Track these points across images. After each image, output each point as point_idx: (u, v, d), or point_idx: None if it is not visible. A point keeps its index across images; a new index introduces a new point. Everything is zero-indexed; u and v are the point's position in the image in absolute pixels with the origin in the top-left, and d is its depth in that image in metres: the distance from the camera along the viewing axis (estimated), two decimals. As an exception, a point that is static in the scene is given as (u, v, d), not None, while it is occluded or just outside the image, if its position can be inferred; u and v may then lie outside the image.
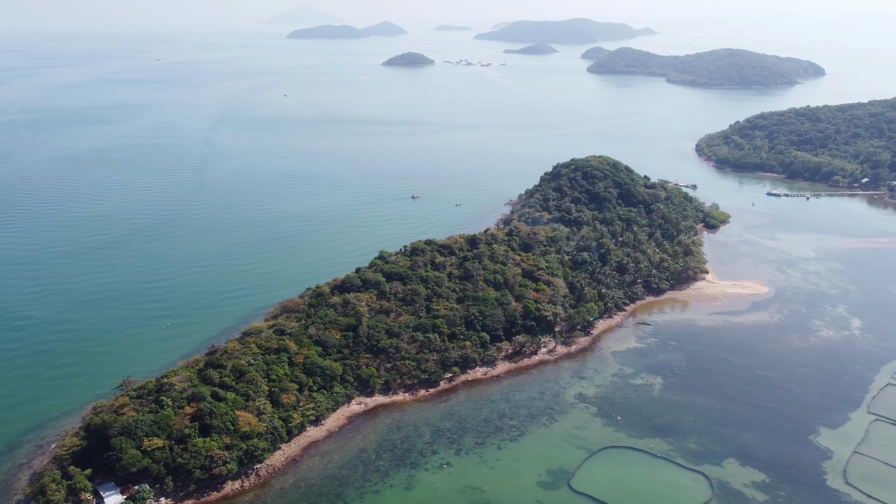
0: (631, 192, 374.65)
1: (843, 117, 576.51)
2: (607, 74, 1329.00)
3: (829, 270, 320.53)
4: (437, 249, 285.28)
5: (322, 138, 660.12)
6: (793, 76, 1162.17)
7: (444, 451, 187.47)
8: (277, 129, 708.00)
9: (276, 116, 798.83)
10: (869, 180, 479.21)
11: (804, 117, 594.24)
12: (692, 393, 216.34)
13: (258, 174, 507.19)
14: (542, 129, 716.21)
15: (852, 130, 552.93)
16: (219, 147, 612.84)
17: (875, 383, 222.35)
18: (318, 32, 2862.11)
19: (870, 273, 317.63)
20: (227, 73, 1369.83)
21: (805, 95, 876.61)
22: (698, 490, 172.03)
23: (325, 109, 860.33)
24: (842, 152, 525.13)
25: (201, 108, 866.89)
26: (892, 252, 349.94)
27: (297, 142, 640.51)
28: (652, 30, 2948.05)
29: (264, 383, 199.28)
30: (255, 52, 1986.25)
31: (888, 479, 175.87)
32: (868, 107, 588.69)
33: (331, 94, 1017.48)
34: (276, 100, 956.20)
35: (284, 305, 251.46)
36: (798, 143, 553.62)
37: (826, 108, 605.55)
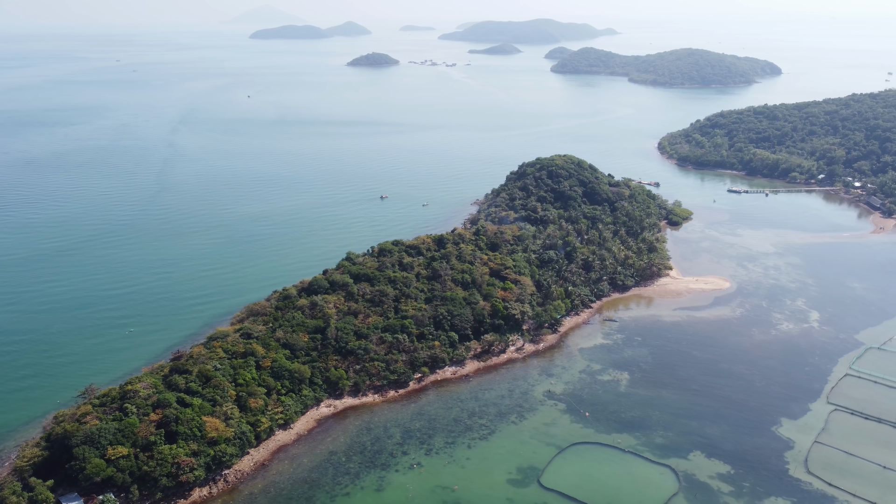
0: (596, 190, 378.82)
1: (800, 115, 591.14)
2: (571, 74, 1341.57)
3: (788, 265, 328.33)
4: (404, 250, 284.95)
5: (287, 139, 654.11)
6: (751, 75, 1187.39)
7: (415, 451, 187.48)
8: (241, 131, 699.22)
9: (239, 118, 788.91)
10: (825, 177, 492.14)
11: (762, 115, 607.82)
12: (658, 387, 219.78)
13: (222, 176, 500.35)
14: (508, 128, 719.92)
15: (808, 128, 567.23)
16: (181, 149, 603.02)
17: (833, 374, 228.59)
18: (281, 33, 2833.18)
19: (827, 267, 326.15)
20: (189, 73, 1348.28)
21: (763, 94, 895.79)
22: (665, 483, 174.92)
23: (290, 110, 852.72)
24: (798, 149, 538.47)
25: (163, 110, 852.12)
26: (848, 246, 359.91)
27: (262, 143, 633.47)
28: (614, 30, 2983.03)
29: (231, 388, 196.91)
30: (217, 53, 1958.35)
31: (847, 468, 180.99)
32: (823, 105, 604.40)
33: (295, 95, 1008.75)
34: (239, 101, 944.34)
35: (251, 309, 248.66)
36: (757, 141, 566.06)
37: (783, 106, 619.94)
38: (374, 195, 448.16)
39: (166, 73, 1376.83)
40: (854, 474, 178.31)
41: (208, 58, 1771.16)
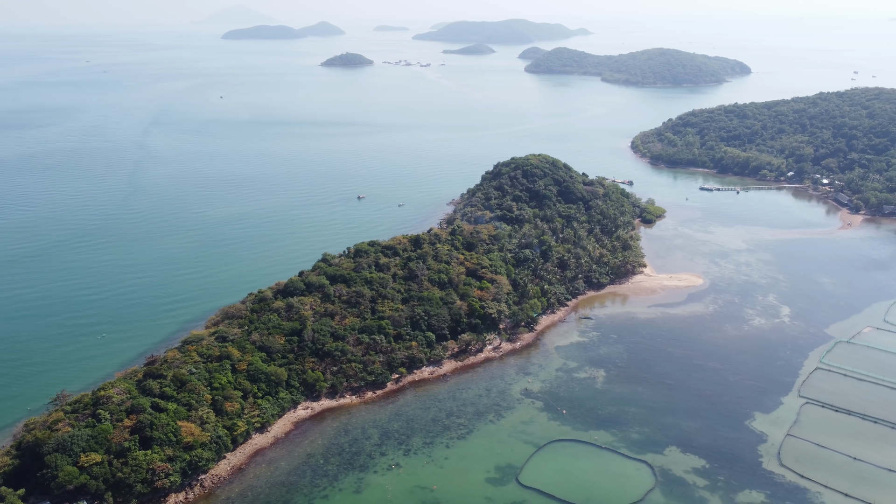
0: (570, 189, 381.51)
1: (769, 114, 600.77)
2: (544, 74, 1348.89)
3: (760, 261, 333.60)
4: (380, 250, 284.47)
5: (261, 140, 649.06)
6: (721, 75, 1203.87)
7: (393, 452, 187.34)
8: (214, 132, 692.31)
9: (212, 118, 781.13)
10: (794, 174, 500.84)
11: (732, 114, 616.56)
12: (634, 384, 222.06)
13: (195, 178, 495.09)
14: (483, 128, 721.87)
15: (777, 126, 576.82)
16: (153, 151, 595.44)
17: (804, 368, 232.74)
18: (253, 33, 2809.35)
19: (797, 263, 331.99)
20: (161, 74, 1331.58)
21: (733, 93, 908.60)
22: (642, 479, 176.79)
23: (264, 111, 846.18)
24: (768, 147, 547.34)
25: (134, 111, 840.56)
26: (817, 242, 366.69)
27: (235, 144, 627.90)
28: (587, 30, 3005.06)
29: (207, 392, 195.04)
30: (189, 53, 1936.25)
31: (819, 460, 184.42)
32: (791, 103, 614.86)
33: (269, 96, 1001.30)
34: (212, 101, 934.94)
35: (226, 312, 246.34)
36: (727, 139, 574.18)
37: (753, 105, 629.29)
38: (349, 196, 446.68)
39: (137, 73, 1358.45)
40: (825, 466, 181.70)
41: (180, 58, 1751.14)
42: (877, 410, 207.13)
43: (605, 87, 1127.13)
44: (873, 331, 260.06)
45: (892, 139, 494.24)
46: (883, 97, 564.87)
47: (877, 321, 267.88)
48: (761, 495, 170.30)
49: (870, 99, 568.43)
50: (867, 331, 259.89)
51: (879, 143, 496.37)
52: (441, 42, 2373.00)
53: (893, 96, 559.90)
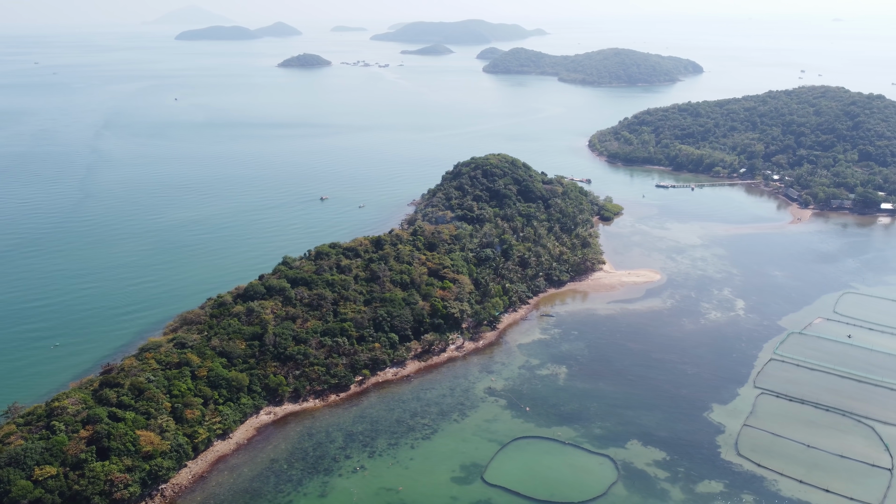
0: (530, 188, 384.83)
1: (721, 112, 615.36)
2: (502, 74, 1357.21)
3: (715, 256, 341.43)
4: (342, 252, 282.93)
5: (217, 143, 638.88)
6: (674, 74, 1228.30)
7: (358, 454, 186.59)
8: (169, 135, 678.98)
9: (166, 121, 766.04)
10: (746, 170, 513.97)
11: (686, 112, 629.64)
12: (595, 380, 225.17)
13: (150, 182, 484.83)
14: (442, 128, 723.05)
15: (729, 124, 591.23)
16: (105, 154, 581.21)
17: (759, 359, 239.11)
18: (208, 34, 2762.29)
19: (750, 257, 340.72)
20: (113, 76, 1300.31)
21: (686, 92, 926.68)
22: (605, 473, 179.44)
23: (220, 113, 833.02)
24: (721, 145, 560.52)
25: (85, 114, 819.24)
26: (769, 237, 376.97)
27: (191, 147, 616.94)
28: (543, 30, 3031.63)
29: (166, 400, 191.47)
30: (141, 55, 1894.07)
31: (775, 448, 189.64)
32: (742, 102, 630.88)
33: (225, 97, 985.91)
34: (166, 104, 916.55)
35: (184, 318, 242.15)
36: (682, 137, 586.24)
37: (705, 103, 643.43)
38: (309, 198, 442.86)
39: (88, 75, 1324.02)
40: (781, 454, 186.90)
41: (132, 59, 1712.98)
42: (828, 398, 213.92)
43: (562, 87, 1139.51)
44: (823, 321, 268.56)
45: (838, 136, 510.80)
46: (829, 95, 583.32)
47: (826, 312, 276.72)
48: (720, 485, 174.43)
49: (816, 97, 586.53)
50: (818, 322, 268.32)
51: (826, 139, 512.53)
52: (399, 42, 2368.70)
53: (839, 94, 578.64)
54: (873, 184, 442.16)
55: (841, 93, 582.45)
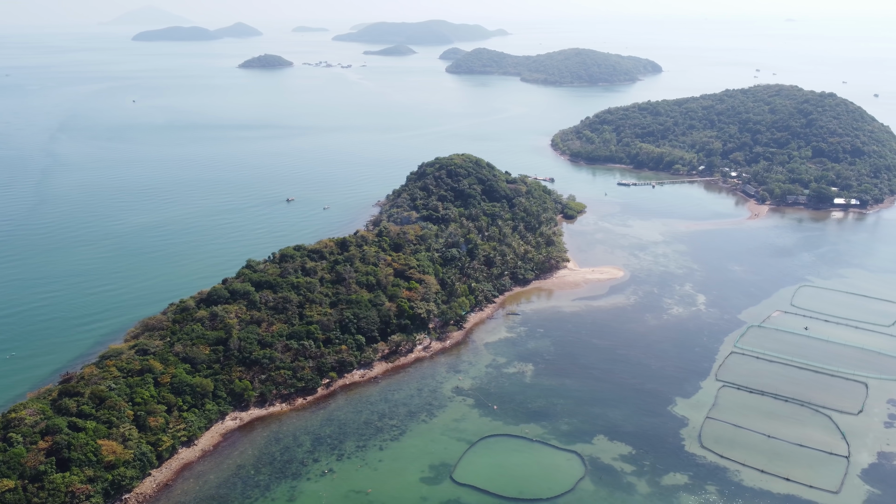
0: (494, 187, 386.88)
1: (680, 110, 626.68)
2: (465, 74, 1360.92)
3: (676, 252, 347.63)
4: (307, 255, 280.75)
5: (178, 145, 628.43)
6: (634, 73, 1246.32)
7: (326, 457, 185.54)
8: (127, 137, 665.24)
9: (124, 123, 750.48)
10: (705, 168, 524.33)
11: (646, 111, 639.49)
12: (561, 376, 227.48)
13: (108, 186, 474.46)
14: (406, 129, 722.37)
15: (688, 122, 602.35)
16: (61, 158, 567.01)
17: (721, 353, 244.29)
18: (166, 34, 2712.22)
19: (710, 253, 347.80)
20: (68, 77, 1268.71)
21: (646, 91, 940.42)
22: (572, 468, 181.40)
23: (180, 115, 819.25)
24: (680, 143, 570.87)
25: (39, 117, 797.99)
26: (728, 232, 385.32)
27: (151, 150, 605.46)
28: (505, 31, 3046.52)
29: (128, 408, 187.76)
30: (97, 56, 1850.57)
31: (737, 439, 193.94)
32: (700, 100, 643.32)
33: (184, 99, 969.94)
34: (123, 106, 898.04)
35: (146, 324, 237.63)
36: (642, 136, 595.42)
37: (665, 102, 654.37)
38: (273, 200, 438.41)
39: (42, 77, 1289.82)
40: (743, 445, 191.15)
41: (88, 61, 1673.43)
42: (787, 389, 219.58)
43: (524, 87, 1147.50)
44: (781, 314, 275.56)
45: (792, 133, 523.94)
46: (783, 93, 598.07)
47: (784, 305, 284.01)
48: (685, 477, 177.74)
49: (771, 95, 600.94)
50: (776, 315, 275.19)
51: (781, 136, 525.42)
52: (361, 43, 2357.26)
53: (792, 93, 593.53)
54: (826, 179, 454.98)
55: (794, 91, 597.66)
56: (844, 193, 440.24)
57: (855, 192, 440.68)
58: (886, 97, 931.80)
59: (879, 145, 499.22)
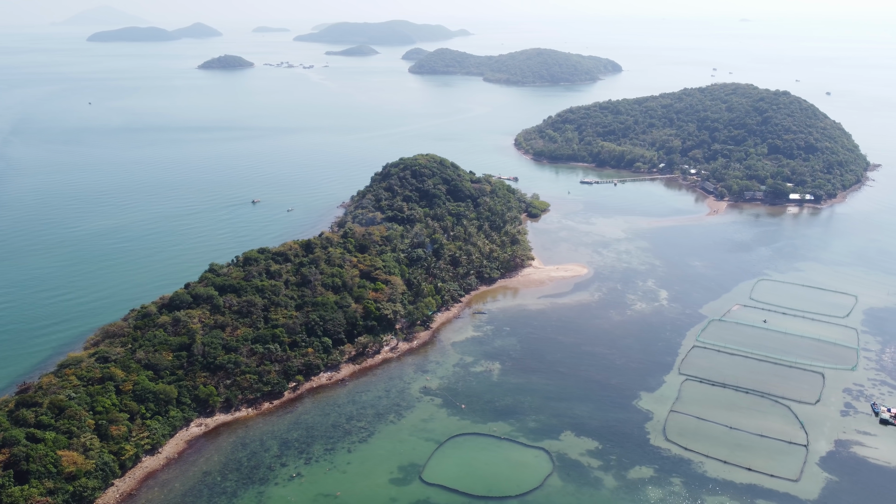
0: (458, 187, 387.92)
1: (640, 109, 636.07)
2: (428, 74, 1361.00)
3: (638, 249, 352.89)
4: (271, 257, 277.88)
5: (137, 147, 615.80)
6: (595, 73, 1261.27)
7: (294, 462, 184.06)
8: (83, 141, 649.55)
9: (80, 126, 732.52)
10: (665, 165, 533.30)
11: (607, 110, 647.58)
12: (528, 374, 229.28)
13: (64, 190, 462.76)
14: (370, 129, 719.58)
15: (648, 121, 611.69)
16: (14, 163, 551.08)
17: (683, 347, 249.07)
18: (122, 35, 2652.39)
19: (671, 248, 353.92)
20: (20, 79, 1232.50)
21: (606, 90, 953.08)
22: (541, 465, 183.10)
23: (138, 117, 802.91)
24: (641, 141, 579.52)
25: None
26: (688, 228, 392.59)
27: (109, 152, 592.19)
28: (467, 31, 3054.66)
29: (89, 417, 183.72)
30: (50, 57, 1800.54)
31: (700, 432, 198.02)
32: (659, 99, 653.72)
33: (142, 101, 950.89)
34: (79, 108, 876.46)
35: (106, 331, 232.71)
36: (604, 134, 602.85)
37: (625, 101, 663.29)
38: (236, 202, 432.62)
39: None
40: (706, 437, 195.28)
41: (40, 62, 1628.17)
42: (748, 381, 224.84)
43: (487, 87, 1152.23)
44: (741, 308, 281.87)
45: (748, 131, 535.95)
46: (739, 92, 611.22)
47: (743, 299, 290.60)
48: (650, 470, 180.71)
49: (728, 94, 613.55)
50: (735, 308, 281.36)
51: (738, 134, 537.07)
52: (323, 43, 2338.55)
53: (748, 91, 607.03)
54: (782, 175, 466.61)
55: (750, 90, 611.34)
56: (799, 189, 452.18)
57: (809, 187, 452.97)
58: (838, 95, 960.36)
59: (832, 142, 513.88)
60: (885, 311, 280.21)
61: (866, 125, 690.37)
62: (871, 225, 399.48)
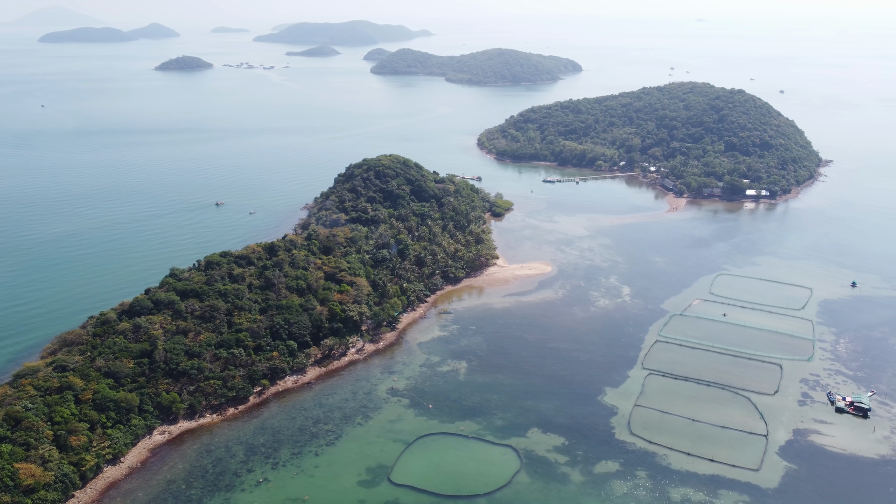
0: (422, 187, 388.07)
1: (600, 108, 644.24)
2: (390, 75, 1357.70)
3: (601, 246, 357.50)
4: (233, 261, 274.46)
5: (93, 151, 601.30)
6: (556, 72, 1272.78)
7: (260, 467, 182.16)
8: (36, 144, 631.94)
9: (32, 130, 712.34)
10: (625, 163, 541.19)
11: (568, 109, 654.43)
12: (494, 372, 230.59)
13: (16, 196, 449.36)
14: (332, 130, 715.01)
15: (608, 120, 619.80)
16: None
17: (646, 342, 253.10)
18: (76, 35, 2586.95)
19: (633, 245, 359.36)
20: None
21: (567, 90, 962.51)
22: (508, 462, 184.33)
23: (93, 120, 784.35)
24: (601, 140, 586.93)
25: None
26: (649, 225, 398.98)
27: (63, 156, 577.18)
28: (429, 31, 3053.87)
29: (47, 428, 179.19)
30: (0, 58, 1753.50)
31: (664, 425, 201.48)
32: (619, 98, 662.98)
33: (98, 103, 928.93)
34: (31, 111, 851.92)
35: (64, 339, 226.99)
36: (565, 133, 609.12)
37: (586, 100, 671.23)
38: (197, 205, 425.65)
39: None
40: (669, 430, 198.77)
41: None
42: (709, 374, 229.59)
43: (449, 87, 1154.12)
44: (701, 302, 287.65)
45: (706, 128, 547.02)
46: (696, 91, 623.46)
47: (703, 293, 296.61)
48: (616, 464, 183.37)
49: (685, 92, 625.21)
50: (696, 303, 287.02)
51: (696, 132, 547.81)
52: (283, 44, 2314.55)
53: (705, 90, 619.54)
54: (738, 172, 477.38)
55: (707, 88, 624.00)
56: (755, 185, 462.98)
57: (765, 183, 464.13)
58: (791, 93, 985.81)
59: (785, 139, 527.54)
60: (839, 303, 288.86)
61: (818, 122, 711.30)
62: (824, 219, 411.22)
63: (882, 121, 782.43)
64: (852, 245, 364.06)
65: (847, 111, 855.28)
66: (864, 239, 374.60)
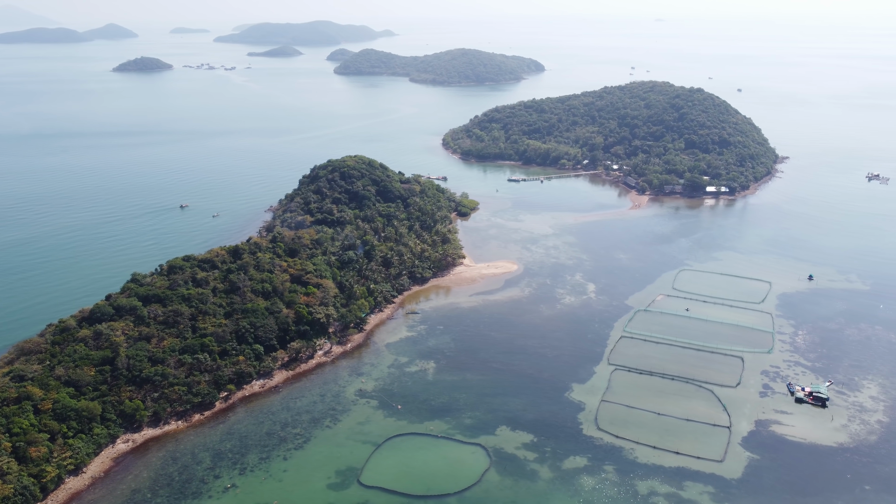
0: (388, 188, 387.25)
1: (563, 107, 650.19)
2: (354, 75, 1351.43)
3: (566, 244, 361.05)
4: (197, 265, 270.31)
5: (49, 154, 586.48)
6: (519, 72, 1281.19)
7: (228, 473, 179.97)
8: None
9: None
10: (588, 162, 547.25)
11: (532, 109, 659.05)
12: (462, 371, 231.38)
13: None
14: (296, 132, 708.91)
15: (571, 119, 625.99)
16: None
17: (611, 338, 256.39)
18: (28, 36, 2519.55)
19: (597, 242, 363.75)
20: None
21: (530, 89, 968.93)
22: (478, 461, 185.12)
23: (49, 122, 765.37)
24: (565, 139, 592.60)
25: None
26: (612, 223, 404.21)
27: (17, 160, 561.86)
28: (392, 31, 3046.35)
29: (5, 439, 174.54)
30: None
31: (630, 419, 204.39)
32: (581, 97, 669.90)
33: (54, 105, 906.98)
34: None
35: (21, 348, 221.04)
36: (529, 133, 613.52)
37: (549, 100, 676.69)
38: (158, 209, 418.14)
39: None
40: (636, 424, 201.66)
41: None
42: (673, 368, 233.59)
43: (413, 87, 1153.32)
44: (665, 298, 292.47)
45: (666, 127, 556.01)
46: (656, 89, 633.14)
47: (666, 289, 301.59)
48: (584, 459, 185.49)
49: (646, 91, 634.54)
50: (659, 298, 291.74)
51: (656, 130, 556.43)
52: (245, 44, 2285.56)
53: (665, 89, 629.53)
54: (698, 169, 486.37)
55: (667, 87, 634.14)
56: (715, 182, 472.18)
57: (724, 180, 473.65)
58: (748, 91, 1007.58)
59: (743, 136, 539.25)
60: (797, 296, 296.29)
61: (775, 120, 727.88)
62: (782, 214, 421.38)
63: (836, 118, 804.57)
64: (809, 239, 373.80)
65: (803, 109, 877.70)
66: (820, 233, 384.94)
